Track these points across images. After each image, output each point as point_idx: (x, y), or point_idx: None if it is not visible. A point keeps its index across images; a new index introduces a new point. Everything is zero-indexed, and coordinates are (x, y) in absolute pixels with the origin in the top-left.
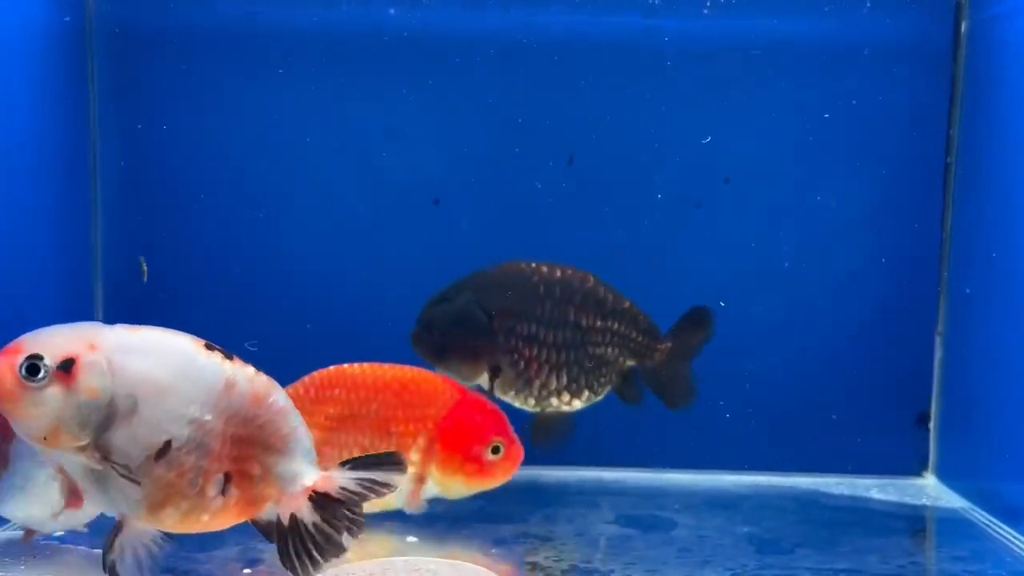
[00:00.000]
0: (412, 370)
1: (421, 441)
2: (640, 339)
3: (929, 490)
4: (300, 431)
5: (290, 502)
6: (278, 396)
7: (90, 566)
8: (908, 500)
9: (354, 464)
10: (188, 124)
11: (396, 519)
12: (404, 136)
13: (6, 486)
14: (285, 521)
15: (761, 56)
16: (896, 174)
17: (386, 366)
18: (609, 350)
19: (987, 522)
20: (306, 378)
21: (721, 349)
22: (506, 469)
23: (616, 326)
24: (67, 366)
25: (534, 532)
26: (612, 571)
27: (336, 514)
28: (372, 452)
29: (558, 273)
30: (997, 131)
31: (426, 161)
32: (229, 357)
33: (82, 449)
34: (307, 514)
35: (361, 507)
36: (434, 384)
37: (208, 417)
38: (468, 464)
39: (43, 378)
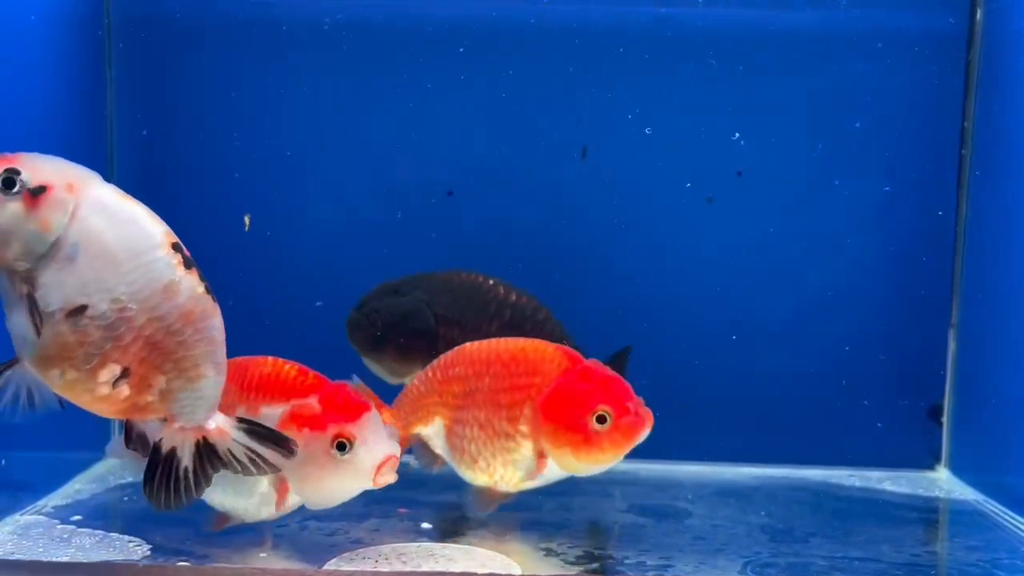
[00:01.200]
0: (525, 341)
1: (527, 412)
2: None
3: (942, 483)
4: (213, 372)
5: (177, 435)
6: (212, 325)
7: (106, 549)
8: (921, 492)
9: (250, 429)
10: (205, 114)
11: (410, 505)
12: (419, 128)
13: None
14: (164, 450)
15: (775, 47)
16: (910, 166)
17: (504, 339)
18: None
19: (999, 513)
20: (434, 361)
21: (734, 343)
22: (616, 440)
23: None
24: (38, 191)
25: (548, 520)
26: (626, 557)
27: (209, 467)
28: (488, 426)
29: (513, 297)
30: (1012, 123)
31: (439, 153)
32: (189, 267)
33: (12, 273)
34: (187, 457)
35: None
36: (543, 353)
37: (132, 306)
38: (571, 434)
39: (15, 193)
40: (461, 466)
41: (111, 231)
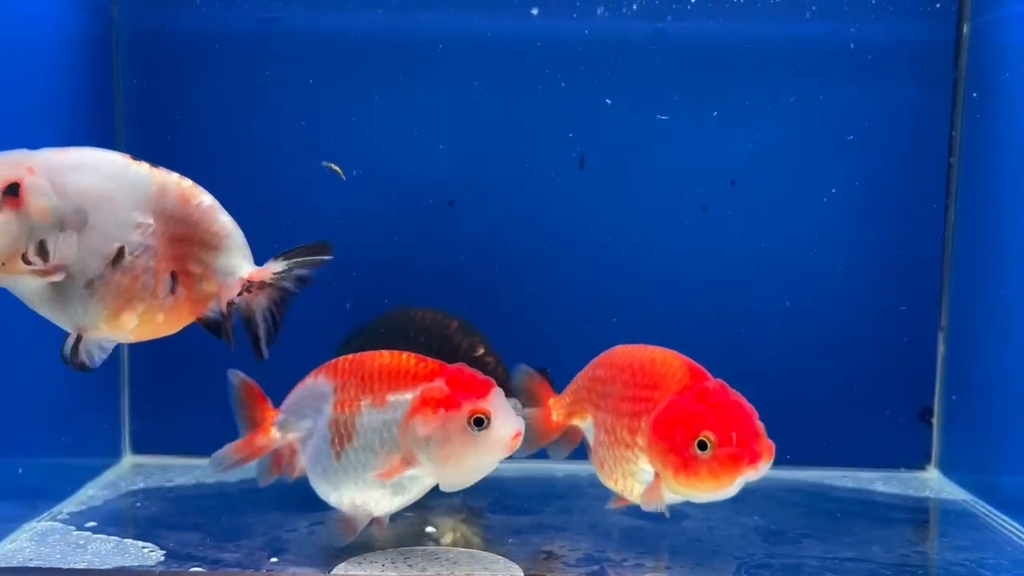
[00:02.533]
0: (657, 351)
1: (644, 425)
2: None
3: (932, 483)
4: (230, 227)
5: (228, 294)
6: (204, 197)
7: (121, 555)
8: (912, 493)
9: (285, 253)
10: (212, 128)
11: (414, 508)
12: (419, 139)
13: (340, 471)
14: (224, 310)
15: (769, 61)
16: (900, 174)
17: (645, 347)
18: None
19: (988, 513)
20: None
21: (729, 345)
22: (713, 470)
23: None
24: (13, 190)
25: (549, 523)
26: (625, 560)
27: (275, 302)
28: (612, 433)
29: (428, 319)
30: (997, 133)
31: (439, 163)
32: (154, 166)
33: (37, 271)
34: (255, 306)
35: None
36: (668, 365)
37: (150, 220)
38: (672, 455)
39: None
40: (594, 466)
41: (91, 179)
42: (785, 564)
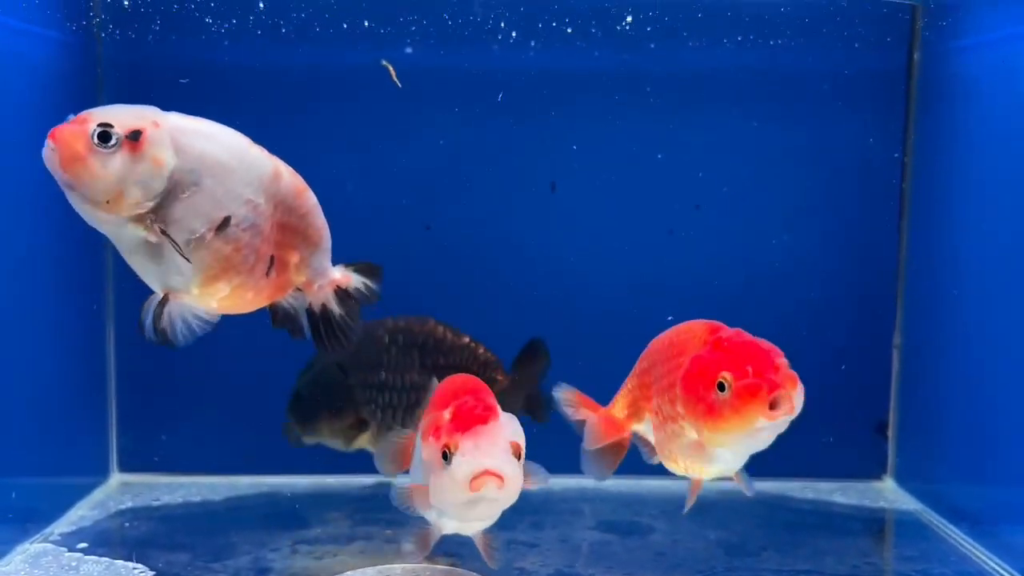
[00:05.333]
0: (686, 323)
1: (677, 392)
2: (479, 371)
3: (887, 493)
4: (327, 230)
5: (319, 292)
6: (311, 195)
7: None
8: (867, 503)
9: (356, 268)
10: None
11: (394, 525)
12: (398, 167)
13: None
14: (317, 309)
15: (729, 89)
16: (854, 198)
17: (676, 325)
18: None
19: (938, 524)
20: None
21: None
22: (735, 407)
23: (456, 361)
24: (135, 136)
25: (521, 539)
26: (593, 574)
27: (352, 308)
28: (659, 413)
29: (402, 323)
30: (946, 157)
31: (417, 189)
32: (271, 155)
33: (140, 219)
34: (335, 306)
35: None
36: (690, 332)
37: (261, 200)
38: (699, 407)
39: (113, 145)
40: (664, 461)
41: (213, 146)
42: None
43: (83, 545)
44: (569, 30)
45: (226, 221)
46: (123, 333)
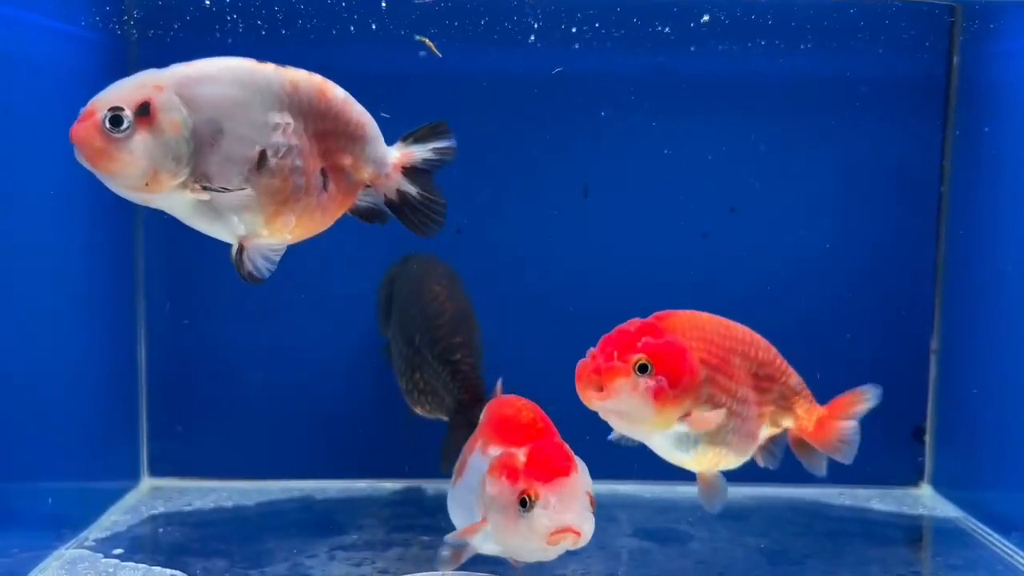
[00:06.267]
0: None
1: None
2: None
3: (925, 500)
4: (367, 116)
5: (388, 181)
6: (336, 89)
7: None
8: (906, 510)
9: (416, 136)
10: None
11: (430, 532)
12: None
13: (452, 499)
14: (394, 197)
15: (767, 93)
16: (893, 202)
17: None
18: None
19: (979, 531)
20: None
21: None
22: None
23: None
24: (144, 110)
25: None
26: None
27: (427, 182)
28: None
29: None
30: (986, 161)
31: (448, 192)
32: (280, 65)
33: (184, 185)
34: (408, 186)
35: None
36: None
37: (288, 120)
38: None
39: (127, 128)
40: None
41: (220, 87)
42: None
43: (119, 551)
44: (603, 32)
45: (263, 155)
46: (154, 337)
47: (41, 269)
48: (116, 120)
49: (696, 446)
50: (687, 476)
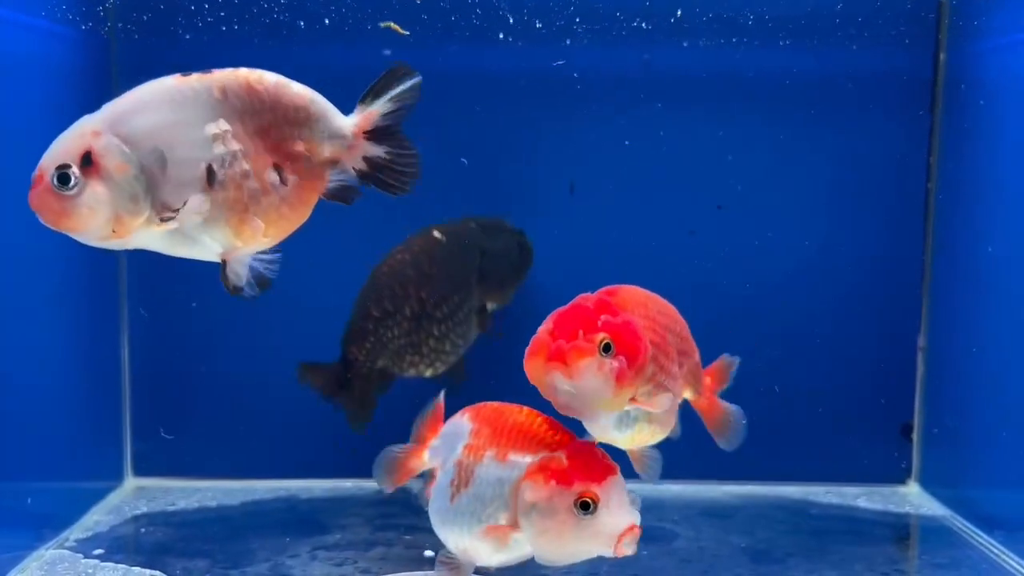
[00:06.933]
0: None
1: None
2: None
3: (912, 498)
4: (308, 93)
5: (354, 152)
6: (266, 77)
7: None
8: (892, 508)
9: (372, 92)
10: None
11: (413, 532)
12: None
13: (451, 512)
14: (363, 166)
15: (752, 90)
16: (878, 200)
17: None
18: None
19: (966, 530)
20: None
21: None
22: None
23: None
24: (88, 160)
25: None
26: None
27: (394, 136)
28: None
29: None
30: (973, 158)
31: (435, 188)
32: (206, 71)
33: (149, 221)
34: (374, 149)
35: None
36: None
37: (225, 127)
38: None
39: (75, 184)
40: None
41: (153, 114)
42: None
43: (99, 551)
44: (592, 29)
45: (210, 170)
46: (137, 337)
47: (23, 269)
48: (64, 178)
49: (634, 425)
50: (672, 475)
